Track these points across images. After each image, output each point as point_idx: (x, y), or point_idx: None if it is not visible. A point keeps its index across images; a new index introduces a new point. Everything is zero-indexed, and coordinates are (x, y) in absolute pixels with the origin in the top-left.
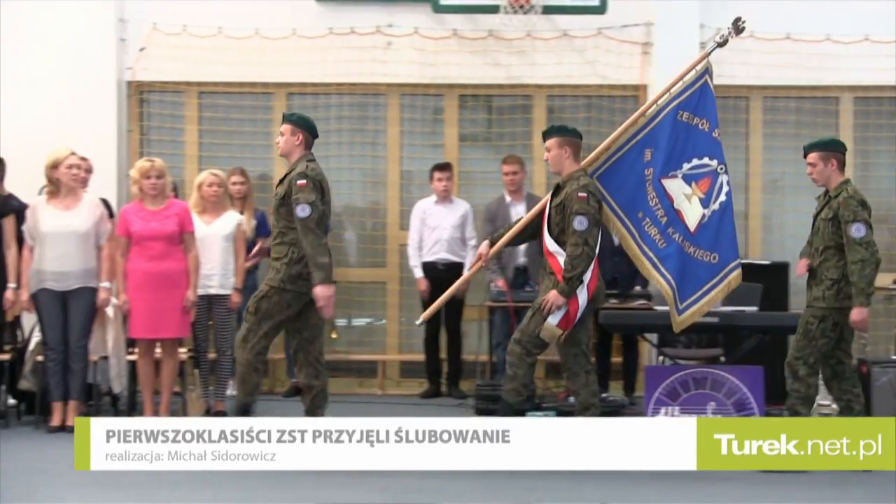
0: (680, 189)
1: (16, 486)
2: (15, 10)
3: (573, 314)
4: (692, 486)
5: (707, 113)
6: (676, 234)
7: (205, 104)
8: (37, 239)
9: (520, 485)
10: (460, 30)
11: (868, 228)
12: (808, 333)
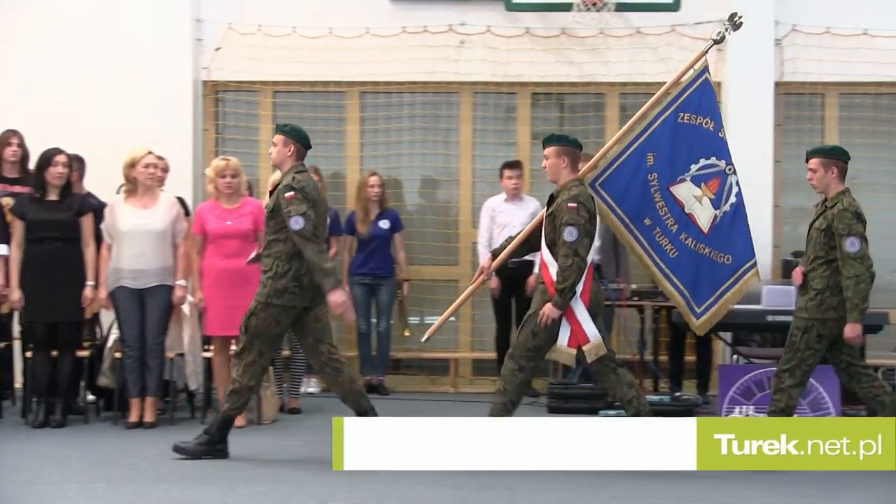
0: (689, 192)
1: (96, 480)
2: (94, 12)
3: (578, 329)
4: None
5: (710, 112)
6: (689, 238)
7: (279, 103)
8: (115, 237)
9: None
10: (533, 28)
11: (862, 242)
12: (793, 346)
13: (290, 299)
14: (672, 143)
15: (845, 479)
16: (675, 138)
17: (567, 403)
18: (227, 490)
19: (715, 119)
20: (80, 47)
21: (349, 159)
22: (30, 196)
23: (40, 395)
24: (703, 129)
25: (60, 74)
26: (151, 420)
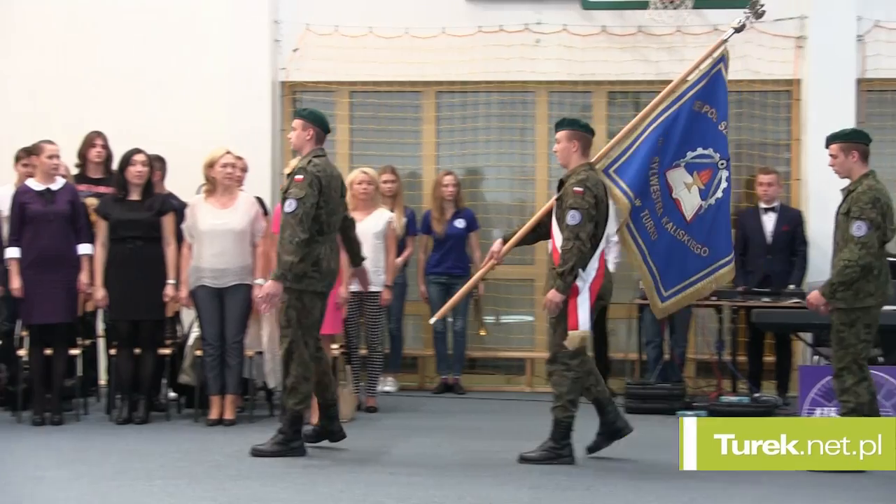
0: (681, 178)
1: (178, 476)
2: (174, 14)
3: (573, 315)
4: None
5: (717, 103)
6: (671, 223)
7: (355, 103)
8: (195, 237)
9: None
10: (609, 26)
11: (870, 228)
12: (842, 342)
13: (310, 283)
14: (682, 129)
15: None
16: (686, 125)
17: (644, 404)
18: (305, 487)
19: (720, 111)
20: (161, 49)
21: (425, 159)
22: (113, 196)
23: (124, 391)
24: (707, 119)
25: (141, 76)
26: (231, 417)
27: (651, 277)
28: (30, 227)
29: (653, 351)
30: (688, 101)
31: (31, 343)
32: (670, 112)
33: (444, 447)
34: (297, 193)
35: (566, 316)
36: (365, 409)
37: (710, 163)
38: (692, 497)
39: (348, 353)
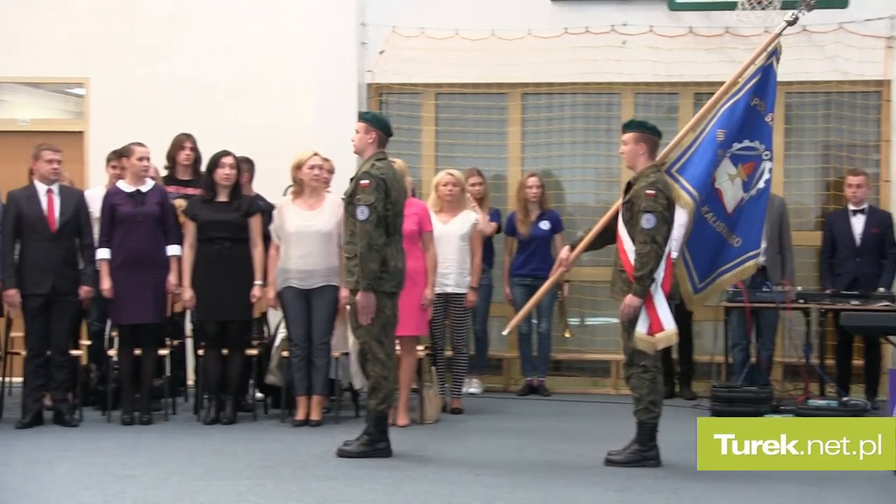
0: (725, 169)
1: (265, 477)
2: (261, 16)
3: (655, 317)
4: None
5: (766, 95)
6: (710, 213)
7: (441, 105)
8: (282, 238)
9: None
10: (696, 27)
11: None
12: None
13: (380, 284)
14: (737, 123)
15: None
16: (740, 119)
17: (731, 407)
18: (391, 489)
19: (767, 103)
20: (248, 51)
21: (510, 160)
22: (201, 198)
23: (211, 392)
24: (756, 111)
25: (228, 78)
26: (317, 418)
27: (685, 268)
28: (120, 228)
29: (739, 354)
30: (744, 96)
31: (120, 343)
32: (727, 107)
33: (530, 449)
34: (366, 199)
35: (647, 319)
36: (450, 410)
37: (755, 154)
38: (781, 501)
39: (434, 354)
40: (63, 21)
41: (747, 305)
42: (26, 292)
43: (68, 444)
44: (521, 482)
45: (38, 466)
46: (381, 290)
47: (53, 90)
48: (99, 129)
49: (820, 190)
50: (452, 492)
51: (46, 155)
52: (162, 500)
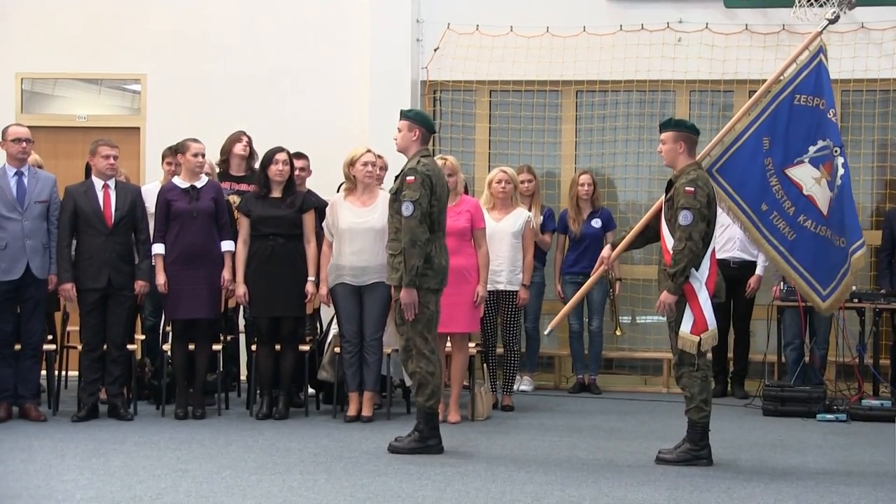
0: (809, 174)
1: (317, 472)
2: (317, 13)
3: (700, 316)
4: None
5: (824, 93)
6: (808, 220)
7: (495, 102)
8: (335, 234)
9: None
10: (752, 24)
11: None
12: None
13: (424, 281)
14: (787, 125)
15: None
16: (791, 120)
17: (783, 406)
18: (442, 485)
19: (828, 100)
20: (303, 49)
21: (563, 158)
22: (255, 193)
23: (264, 387)
24: (818, 111)
25: (283, 75)
26: (369, 414)
27: (802, 279)
28: (175, 223)
29: (792, 353)
30: (787, 97)
31: (174, 338)
32: (772, 108)
33: (580, 447)
34: (412, 195)
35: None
36: (501, 407)
37: (829, 153)
38: (832, 502)
39: (485, 351)
40: (120, 18)
41: (801, 304)
42: (82, 287)
43: (123, 438)
44: (571, 480)
45: (94, 459)
46: (424, 287)
47: (110, 86)
48: (155, 126)
49: (877, 189)
50: (503, 489)
51: (103, 150)
52: (215, 494)
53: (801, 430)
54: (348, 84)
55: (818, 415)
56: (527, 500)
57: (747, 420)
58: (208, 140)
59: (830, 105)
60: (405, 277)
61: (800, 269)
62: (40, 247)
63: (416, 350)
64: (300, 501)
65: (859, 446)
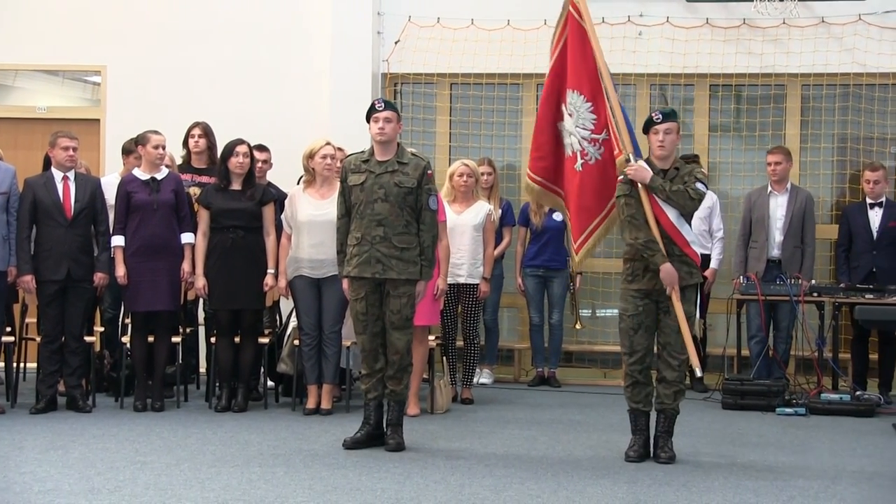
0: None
1: (276, 465)
2: (278, 7)
3: None
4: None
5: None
6: None
7: (456, 95)
8: (294, 227)
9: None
10: (713, 18)
11: None
12: None
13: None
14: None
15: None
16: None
17: (742, 400)
18: (401, 478)
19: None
20: (265, 40)
21: (524, 151)
22: (215, 186)
23: (223, 380)
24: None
25: (244, 68)
26: (328, 407)
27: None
28: (135, 215)
29: (756, 346)
30: None
31: (133, 330)
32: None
33: (540, 440)
34: (436, 189)
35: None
36: (461, 400)
37: None
38: (791, 496)
39: (445, 344)
40: (80, 9)
41: (760, 298)
42: (41, 278)
43: (81, 430)
44: (530, 473)
45: (52, 452)
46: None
47: (70, 78)
48: (115, 117)
49: (836, 183)
50: (462, 482)
51: (63, 142)
52: (173, 486)
53: (760, 424)
54: (309, 76)
55: (777, 408)
56: (486, 493)
57: (707, 413)
58: (170, 132)
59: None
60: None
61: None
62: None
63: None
64: (259, 494)
65: (818, 440)
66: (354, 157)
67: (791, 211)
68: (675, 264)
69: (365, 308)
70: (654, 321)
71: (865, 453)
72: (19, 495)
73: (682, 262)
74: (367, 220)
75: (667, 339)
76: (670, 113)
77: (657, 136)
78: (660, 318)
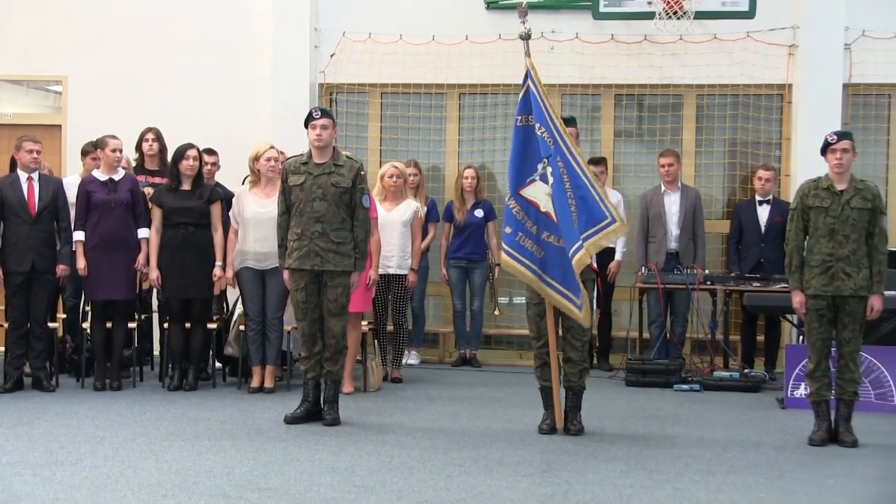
0: (542, 191)
1: (223, 438)
2: (224, 22)
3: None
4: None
5: (532, 110)
6: (551, 236)
7: (386, 103)
8: (240, 223)
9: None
10: (617, 34)
11: None
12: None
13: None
14: (516, 148)
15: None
16: (517, 142)
17: (644, 378)
18: (336, 450)
19: (535, 115)
20: (212, 52)
21: (448, 154)
22: (167, 186)
23: (175, 362)
24: (531, 129)
25: (194, 77)
26: (270, 386)
27: (557, 293)
28: (94, 213)
29: (656, 330)
30: (515, 122)
31: (93, 317)
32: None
33: (462, 415)
34: (368, 189)
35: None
36: (391, 379)
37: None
38: (686, 463)
39: (377, 329)
40: (43, 24)
41: (660, 286)
42: (8, 270)
43: (45, 408)
44: (454, 444)
45: (19, 427)
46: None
47: (34, 87)
48: (75, 123)
49: (727, 182)
50: (392, 453)
51: (27, 146)
52: (130, 458)
53: (659, 399)
54: (253, 86)
55: (675, 385)
56: (413, 462)
57: (611, 390)
58: (125, 136)
59: (537, 120)
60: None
61: (554, 284)
62: None
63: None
64: (208, 465)
65: (711, 413)
66: (294, 159)
67: (684, 207)
68: None
69: (305, 297)
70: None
71: (752, 425)
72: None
73: None
74: (306, 217)
75: (569, 323)
76: (573, 120)
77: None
78: None
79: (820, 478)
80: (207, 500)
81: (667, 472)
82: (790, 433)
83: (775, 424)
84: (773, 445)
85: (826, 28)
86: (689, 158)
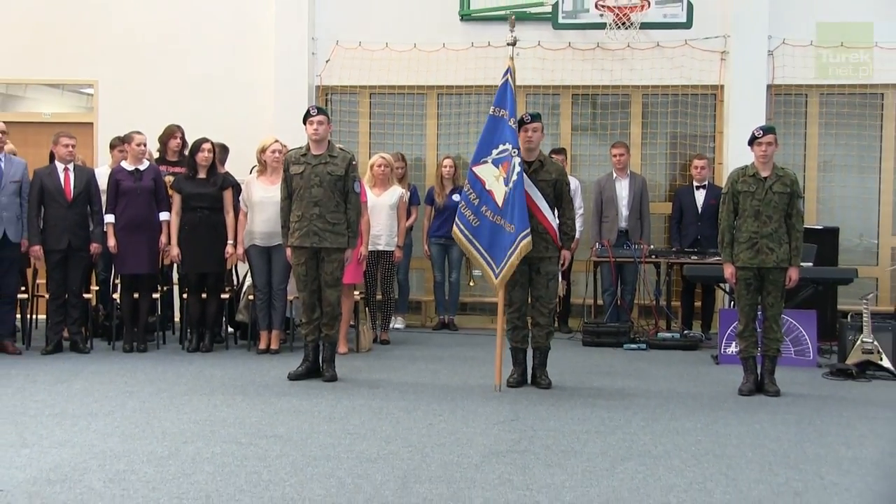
0: (490, 172)
1: (235, 393)
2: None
3: None
4: (635, 402)
5: (507, 104)
6: (489, 211)
7: (374, 103)
8: (249, 207)
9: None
10: (574, 42)
11: None
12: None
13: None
14: (483, 132)
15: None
16: (486, 128)
17: (598, 339)
18: (333, 401)
19: (509, 110)
20: (224, 59)
21: (428, 146)
22: (185, 175)
23: (193, 327)
24: (502, 120)
25: (206, 80)
26: (276, 348)
27: (481, 258)
28: (122, 199)
29: (609, 297)
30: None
31: (122, 289)
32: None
33: (442, 372)
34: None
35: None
36: (380, 342)
37: (507, 155)
38: (634, 412)
39: (367, 297)
40: (76, 36)
41: (612, 259)
42: (48, 248)
43: (82, 367)
44: (434, 397)
45: (59, 384)
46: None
47: (69, 90)
48: (105, 121)
49: (669, 170)
50: (381, 405)
51: (63, 140)
52: (154, 410)
53: (611, 358)
54: (258, 88)
55: (624, 345)
56: (399, 413)
57: (570, 350)
58: (148, 131)
59: (511, 114)
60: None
61: (480, 249)
62: (14, 217)
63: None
64: (221, 416)
65: (656, 369)
66: (294, 151)
67: (632, 192)
68: (535, 238)
69: (305, 271)
70: (528, 279)
71: (691, 378)
72: (34, 418)
73: (541, 238)
74: (305, 202)
75: (538, 292)
76: (538, 115)
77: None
78: (532, 277)
79: (748, 422)
80: (222, 446)
81: (618, 420)
82: (723, 385)
83: (710, 378)
84: (709, 395)
85: (752, 37)
86: (637, 149)
